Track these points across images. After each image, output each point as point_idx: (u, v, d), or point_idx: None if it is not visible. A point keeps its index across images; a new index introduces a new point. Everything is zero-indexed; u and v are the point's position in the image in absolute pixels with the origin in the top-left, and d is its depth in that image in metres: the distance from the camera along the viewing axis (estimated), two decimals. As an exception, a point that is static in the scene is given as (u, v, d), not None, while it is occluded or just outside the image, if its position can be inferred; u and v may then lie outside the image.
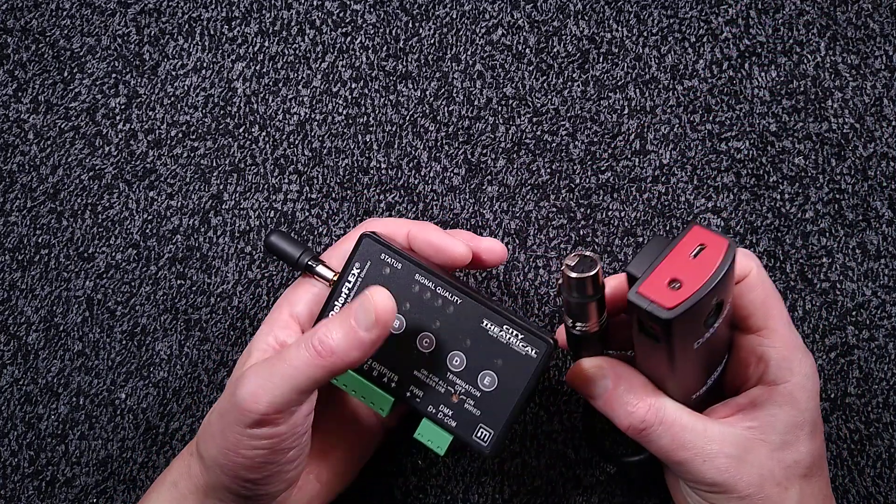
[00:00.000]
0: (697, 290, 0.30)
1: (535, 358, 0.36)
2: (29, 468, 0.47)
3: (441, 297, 0.37)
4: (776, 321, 0.36)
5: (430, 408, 0.37)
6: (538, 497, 0.46)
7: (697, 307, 0.30)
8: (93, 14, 0.48)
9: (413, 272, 0.37)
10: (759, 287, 0.36)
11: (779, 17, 0.47)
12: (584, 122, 0.47)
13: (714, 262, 0.31)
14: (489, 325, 0.36)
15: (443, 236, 0.38)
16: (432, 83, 0.47)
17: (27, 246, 0.47)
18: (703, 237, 0.32)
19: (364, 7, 0.47)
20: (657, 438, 0.35)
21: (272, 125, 0.47)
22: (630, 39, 0.47)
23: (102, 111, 0.48)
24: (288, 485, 0.37)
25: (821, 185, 0.46)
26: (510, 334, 0.36)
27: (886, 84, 0.46)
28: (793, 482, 0.35)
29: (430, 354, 0.37)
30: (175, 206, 0.47)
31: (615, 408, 0.35)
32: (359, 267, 0.38)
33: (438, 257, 0.38)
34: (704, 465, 0.34)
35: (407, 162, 0.47)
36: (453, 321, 0.37)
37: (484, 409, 0.37)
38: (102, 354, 0.47)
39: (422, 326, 0.37)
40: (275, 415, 0.34)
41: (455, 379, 0.37)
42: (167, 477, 0.39)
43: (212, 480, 0.36)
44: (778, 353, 0.35)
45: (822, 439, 0.36)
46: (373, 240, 0.38)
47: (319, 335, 0.34)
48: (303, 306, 0.39)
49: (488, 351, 0.36)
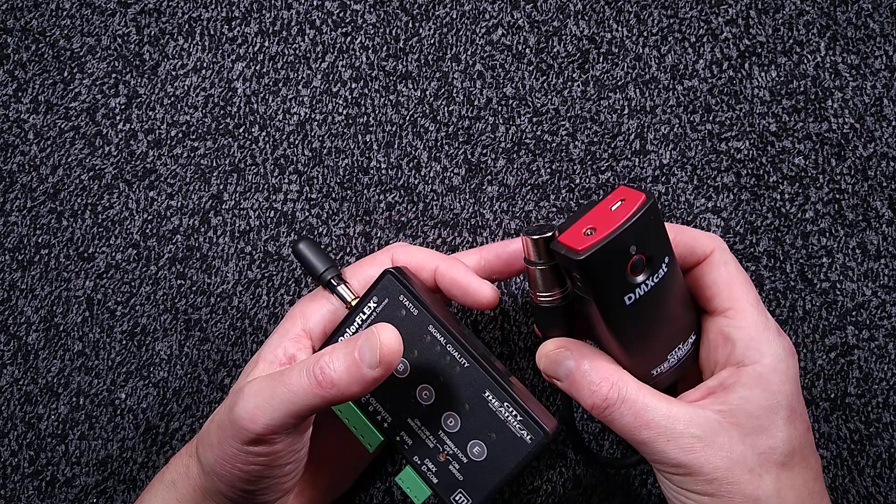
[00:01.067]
0: (608, 233, 0.32)
1: (529, 443, 0.36)
2: (29, 468, 0.47)
3: (450, 354, 0.37)
4: (742, 302, 0.35)
5: (416, 458, 0.37)
6: (538, 497, 0.46)
7: (608, 249, 0.32)
8: (93, 14, 0.48)
9: (427, 322, 0.37)
10: (721, 267, 0.36)
11: (779, 17, 0.47)
12: (584, 122, 0.47)
13: (628, 211, 0.32)
14: (491, 398, 0.36)
15: (472, 281, 0.38)
16: (432, 83, 0.47)
17: (27, 246, 0.47)
18: (625, 193, 0.34)
19: (364, 7, 0.47)
20: (620, 417, 0.34)
21: (272, 125, 0.47)
22: (630, 39, 0.47)
23: (102, 111, 0.48)
24: (284, 494, 0.37)
25: (821, 185, 0.46)
26: (510, 413, 0.36)
27: (886, 84, 0.46)
28: (768, 469, 0.33)
29: (427, 407, 0.37)
30: (175, 206, 0.47)
31: (579, 387, 0.35)
32: (376, 302, 0.37)
33: (465, 300, 0.38)
34: (668, 444, 0.33)
35: (407, 162, 0.47)
36: (457, 382, 0.37)
37: (467, 476, 0.36)
38: (102, 354, 0.47)
39: (425, 378, 0.37)
40: (271, 435, 0.34)
41: (446, 438, 0.37)
42: (165, 476, 0.39)
43: (209, 485, 0.36)
44: (744, 334, 0.35)
45: (804, 428, 0.35)
46: (395, 278, 0.37)
47: (322, 364, 0.33)
48: (316, 322, 0.39)
49: (484, 422, 0.36)
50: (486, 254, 0.40)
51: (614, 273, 0.33)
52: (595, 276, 0.33)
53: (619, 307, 0.34)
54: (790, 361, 0.35)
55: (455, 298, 0.38)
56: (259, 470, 0.35)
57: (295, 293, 0.47)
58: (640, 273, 0.33)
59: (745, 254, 0.46)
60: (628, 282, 0.33)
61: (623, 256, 0.33)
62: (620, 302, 0.33)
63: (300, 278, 0.47)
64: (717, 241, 0.37)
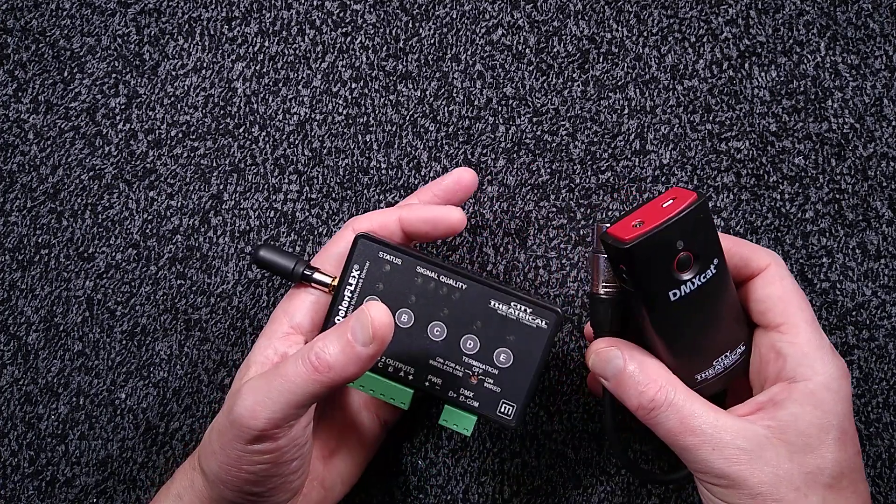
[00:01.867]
0: (655, 225, 0.33)
1: (545, 329, 0.37)
2: (29, 468, 0.47)
3: (446, 284, 0.38)
4: (796, 318, 0.35)
5: (451, 392, 0.38)
6: (538, 497, 0.46)
7: (654, 241, 0.33)
8: (93, 14, 0.48)
9: (414, 265, 0.38)
10: (776, 282, 0.36)
11: (779, 17, 0.47)
12: (584, 122, 0.47)
13: (678, 207, 0.33)
14: (497, 305, 0.37)
15: (436, 209, 0.38)
16: (432, 83, 0.47)
17: (27, 246, 0.47)
18: (677, 193, 0.34)
19: (364, 7, 0.47)
20: (665, 420, 0.34)
21: (272, 125, 0.47)
22: (630, 39, 0.47)
23: (102, 111, 0.48)
24: (293, 494, 0.37)
25: (821, 185, 0.46)
26: (518, 310, 0.37)
27: (886, 84, 0.46)
28: (814, 489, 0.33)
29: (443, 342, 0.38)
30: (175, 206, 0.47)
31: (626, 387, 0.35)
32: (358, 268, 0.38)
33: (437, 231, 0.38)
34: (713, 453, 0.33)
35: (407, 162, 0.47)
36: (461, 306, 0.38)
37: (504, 384, 0.38)
38: (102, 354, 0.47)
39: (431, 316, 0.38)
40: (273, 430, 0.34)
41: (471, 361, 0.38)
42: (171, 489, 0.39)
43: (216, 495, 0.36)
44: (797, 350, 0.34)
45: (854, 451, 0.34)
46: (368, 239, 0.38)
47: (316, 350, 0.33)
48: (302, 315, 0.39)
49: (499, 329, 0.37)
50: (424, 196, 0.41)
51: (660, 266, 0.33)
52: (640, 266, 0.33)
53: (663, 302, 0.34)
54: (843, 382, 0.34)
55: (426, 236, 0.39)
56: (265, 469, 0.35)
57: (295, 293, 0.47)
58: (686, 270, 0.34)
59: (745, 254, 0.46)
60: (674, 277, 0.34)
61: (669, 250, 0.33)
62: (665, 297, 0.34)
63: (300, 278, 0.47)
64: (775, 256, 0.36)
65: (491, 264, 0.46)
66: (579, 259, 0.46)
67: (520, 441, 0.46)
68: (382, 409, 0.43)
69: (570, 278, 0.46)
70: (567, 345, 0.46)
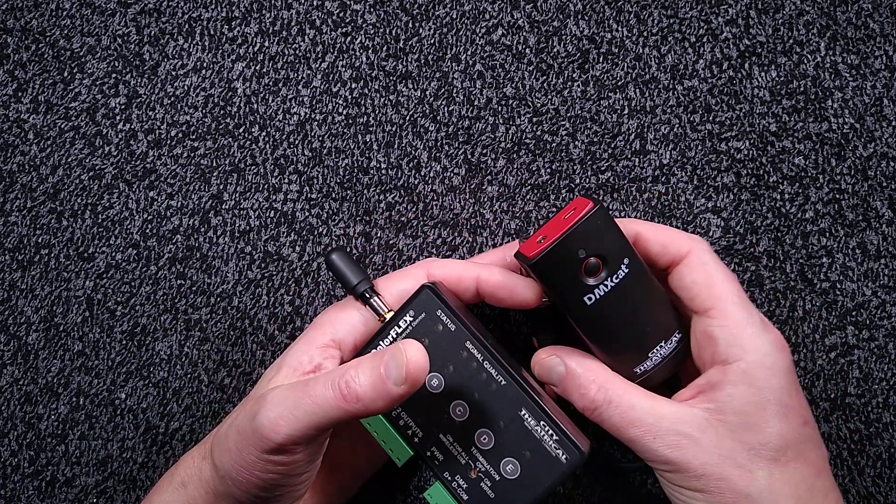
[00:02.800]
0: (554, 238, 0.35)
1: (563, 462, 0.36)
2: (29, 468, 0.47)
3: (487, 371, 0.37)
4: (722, 300, 0.35)
5: (447, 474, 0.37)
6: (538, 497, 0.46)
7: (554, 253, 0.35)
8: (93, 14, 0.48)
9: (465, 338, 0.37)
10: (699, 267, 0.36)
11: (779, 17, 0.47)
12: (584, 122, 0.47)
13: (574, 219, 0.35)
14: (527, 416, 0.36)
15: (515, 279, 0.38)
16: (432, 83, 0.47)
17: (27, 246, 0.47)
18: (577, 203, 0.36)
19: (364, 7, 0.47)
20: (608, 417, 0.35)
21: (272, 125, 0.47)
22: (630, 39, 0.47)
23: (102, 111, 0.48)
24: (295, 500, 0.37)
25: (821, 185, 0.46)
26: (545, 432, 0.36)
27: (886, 84, 0.46)
28: (758, 464, 0.34)
29: (461, 423, 0.37)
30: (175, 206, 0.47)
31: (570, 392, 0.36)
32: (412, 316, 0.37)
33: (512, 301, 0.38)
34: (655, 441, 0.34)
35: (407, 162, 0.47)
36: (492, 399, 0.36)
37: (499, 493, 0.36)
38: (102, 354, 0.47)
39: (460, 394, 0.37)
40: (292, 445, 0.34)
41: (478, 455, 0.37)
42: (175, 477, 0.39)
43: (223, 489, 0.36)
44: (726, 332, 0.35)
45: (799, 422, 0.35)
46: (433, 293, 0.37)
47: (347, 378, 0.33)
48: (347, 332, 0.38)
49: (519, 440, 0.36)
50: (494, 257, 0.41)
51: (567, 275, 0.35)
52: (547, 278, 0.36)
53: (580, 307, 0.36)
54: (777, 356, 0.35)
55: (501, 302, 0.38)
56: (276, 478, 0.35)
57: (295, 293, 0.47)
58: (595, 275, 0.36)
59: (745, 254, 0.46)
60: (584, 283, 0.35)
61: (573, 259, 0.35)
62: (581, 302, 0.36)
63: (300, 278, 0.47)
64: (696, 241, 0.37)
65: (491, 264, 0.46)
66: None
67: None
68: None
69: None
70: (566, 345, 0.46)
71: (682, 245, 0.37)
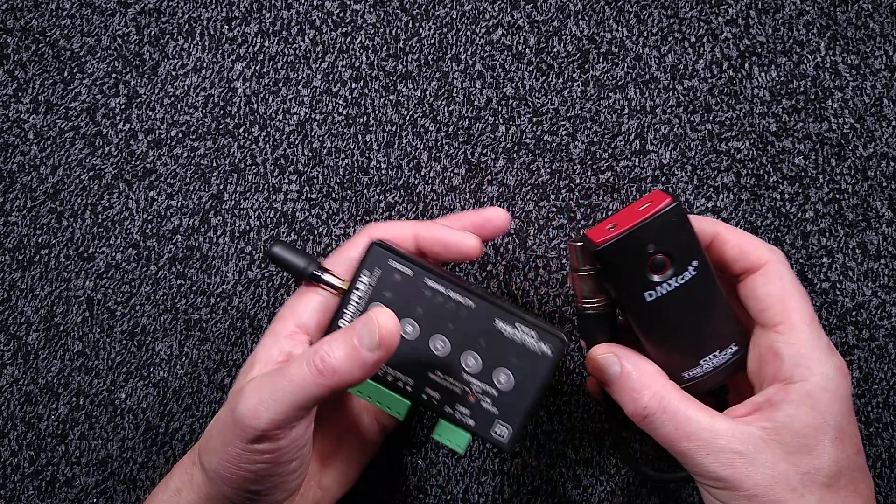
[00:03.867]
0: (625, 228, 0.34)
1: (549, 355, 0.37)
2: (29, 468, 0.47)
3: (452, 300, 0.37)
4: (793, 317, 0.35)
5: (448, 408, 0.37)
6: (538, 497, 0.46)
7: (623, 243, 0.34)
8: (93, 14, 0.48)
9: (424, 277, 0.37)
10: (775, 280, 0.35)
11: (779, 17, 0.47)
12: (584, 122, 0.47)
13: (649, 212, 0.34)
14: (502, 325, 0.37)
15: (452, 233, 0.38)
16: (432, 83, 0.47)
17: (27, 246, 0.47)
18: (654, 197, 0.35)
19: (364, 7, 0.47)
20: (661, 426, 0.34)
21: (272, 125, 0.47)
22: (630, 39, 0.47)
23: (102, 111, 0.48)
24: (290, 493, 0.37)
25: (821, 185, 0.46)
26: (523, 333, 0.37)
27: (886, 84, 0.46)
28: (811, 490, 0.33)
29: (445, 357, 0.37)
30: (175, 206, 0.47)
31: (622, 394, 0.35)
32: (368, 275, 0.38)
33: (448, 254, 0.38)
34: (708, 457, 0.33)
35: (407, 162, 0.47)
36: (466, 323, 0.37)
37: (501, 406, 0.37)
38: (102, 354, 0.47)
39: (435, 330, 0.37)
40: (275, 430, 0.34)
41: (471, 379, 0.37)
42: (170, 484, 0.39)
43: (215, 491, 0.36)
44: (794, 350, 0.34)
45: (854, 451, 0.34)
46: (381, 247, 0.38)
47: (321, 353, 0.33)
48: (309, 316, 0.38)
49: (503, 350, 0.37)
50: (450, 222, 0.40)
51: (632, 268, 0.34)
52: (612, 268, 0.34)
53: (638, 303, 0.35)
54: (841, 381, 0.34)
55: (439, 256, 0.39)
56: (265, 468, 0.35)
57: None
58: (661, 272, 0.34)
59: (745, 254, 0.46)
60: (647, 279, 0.34)
61: (641, 253, 0.34)
62: (640, 298, 0.35)
63: (300, 278, 0.47)
64: (776, 253, 0.36)
65: (491, 264, 0.46)
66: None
67: (520, 441, 0.46)
68: (382, 413, 0.43)
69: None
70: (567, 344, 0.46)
71: (762, 254, 0.36)
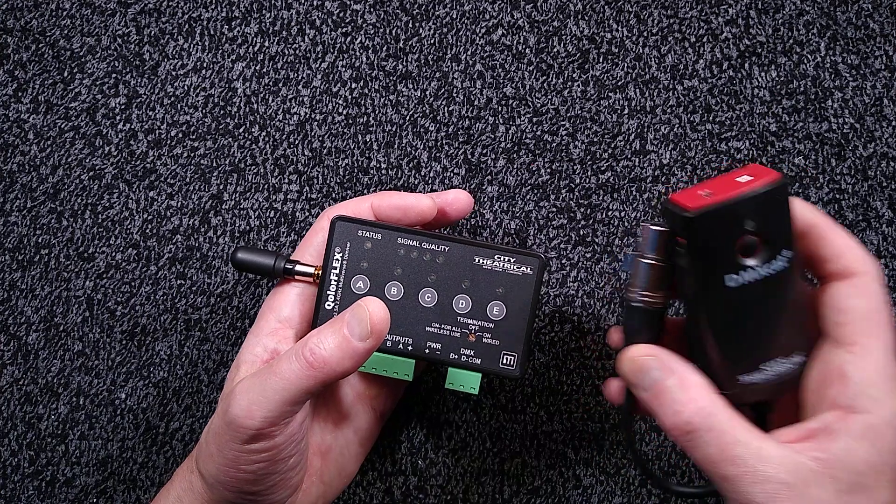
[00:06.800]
0: (725, 198, 0.30)
1: (531, 274, 0.38)
2: (29, 468, 0.47)
3: (428, 250, 0.38)
4: (873, 340, 0.31)
5: (452, 355, 0.39)
6: (538, 497, 0.46)
7: (720, 214, 0.30)
8: (93, 14, 0.48)
9: (394, 237, 0.38)
10: (865, 294, 0.32)
11: (779, 17, 0.47)
12: (584, 122, 0.47)
13: (754, 184, 0.30)
14: (481, 260, 0.38)
15: (406, 196, 0.39)
16: (432, 83, 0.47)
17: (27, 246, 0.47)
18: (757, 170, 0.31)
19: (364, 7, 0.47)
20: (703, 446, 0.30)
21: (272, 125, 0.47)
22: (630, 39, 0.47)
23: (102, 111, 0.48)
24: (293, 490, 0.37)
25: (821, 185, 0.46)
26: (503, 261, 0.38)
27: (886, 84, 0.46)
28: None
29: (436, 306, 0.39)
30: (175, 206, 0.47)
31: (662, 403, 0.31)
32: (339, 251, 0.38)
33: (407, 218, 0.39)
34: (754, 486, 0.29)
35: (407, 162, 0.47)
36: (447, 269, 0.38)
37: (501, 336, 0.38)
38: (102, 354, 0.47)
39: (419, 284, 0.39)
40: (270, 428, 0.33)
41: (466, 320, 0.39)
42: (171, 492, 0.38)
43: (216, 496, 0.36)
44: (864, 376, 0.30)
45: None
46: (345, 220, 0.38)
47: (311, 345, 0.33)
48: (290, 309, 0.38)
49: (487, 284, 0.38)
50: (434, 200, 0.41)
51: (721, 244, 0.30)
52: (700, 239, 0.30)
53: (717, 288, 0.31)
54: None
55: (399, 222, 0.39)
56: (263, 468, 0.34)
57: (295, 293, 0.47)
58: (750, 256, 0.31)
59: (745, 254, 0.46)
60: (734, 260, 0.31)
61: (735, 228, 0.30)
62: (720, 281, 0.31)
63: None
64: (874, 265, 0.32)
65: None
66: (579, 259, 0.46)
67: (520, 441, 0.46)
68: (377, 400, 0.42)
69: (570, 278, 0.46)
70: (567, 344, 0.46)
71: (859, 262, 0.32)
